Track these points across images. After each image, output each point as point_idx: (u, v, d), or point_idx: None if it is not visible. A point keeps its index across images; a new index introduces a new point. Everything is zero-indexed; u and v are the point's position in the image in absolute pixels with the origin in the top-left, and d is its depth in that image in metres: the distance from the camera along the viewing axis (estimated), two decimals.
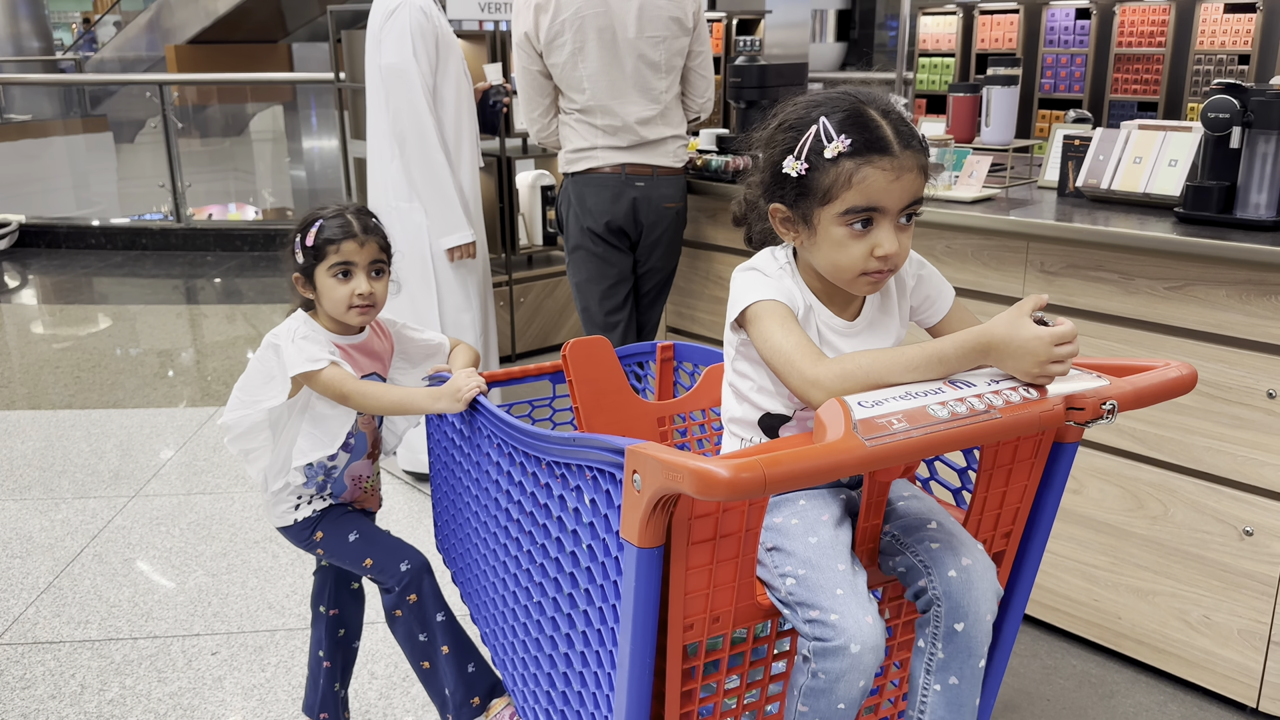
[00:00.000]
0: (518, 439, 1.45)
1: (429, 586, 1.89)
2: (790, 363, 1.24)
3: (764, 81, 3.02)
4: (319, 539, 1.89)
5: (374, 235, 1.80)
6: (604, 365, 1.85)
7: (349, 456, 1.89)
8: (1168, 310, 2.13)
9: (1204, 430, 2.12)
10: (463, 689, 1.90)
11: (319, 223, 1.78)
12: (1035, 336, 1.14)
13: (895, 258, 1.27)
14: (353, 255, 1.77)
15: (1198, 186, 2.13)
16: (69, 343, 5.19)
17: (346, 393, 1.74)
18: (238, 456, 1.86)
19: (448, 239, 3.10)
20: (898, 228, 1.27)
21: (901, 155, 1.25)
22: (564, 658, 1.40)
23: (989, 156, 2.54)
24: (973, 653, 1.28)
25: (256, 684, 2.35)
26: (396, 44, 2.94)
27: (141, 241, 7.35)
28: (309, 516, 1.88)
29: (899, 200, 1.26)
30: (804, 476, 1.00)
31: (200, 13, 12.21)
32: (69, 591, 2.75)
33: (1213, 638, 2.19)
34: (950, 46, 6.22)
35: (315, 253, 1.77)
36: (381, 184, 3.18)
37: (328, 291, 1.78)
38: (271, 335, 1.81)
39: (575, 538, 1.30)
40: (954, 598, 1.26)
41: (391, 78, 2.96)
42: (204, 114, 10.91)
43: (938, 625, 1.27)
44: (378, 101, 3.09)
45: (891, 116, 1.28)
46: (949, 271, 2.41)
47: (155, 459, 3.63)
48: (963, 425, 1.08)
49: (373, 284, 1.79)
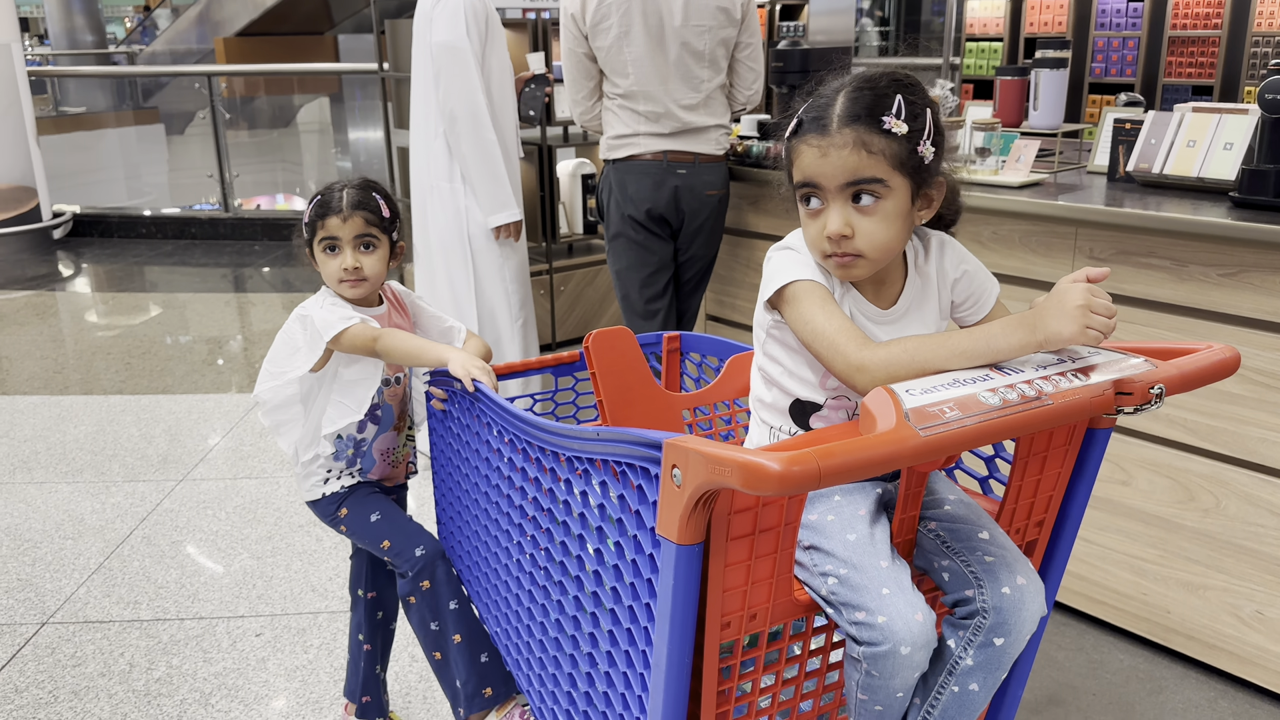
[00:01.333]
0: (532, 434, 1.39)
1: (443, 573, 1.88)
2: (834, 346, 1.21)
3: (806, 66, 2.98)
4: (343, 515, 1.91)
5: (361, 210, 1.81)
6: (627, 356, 1.81)
7: (376, 429, 1.92)
8: (1221, 298, 2.07)
9: (1258, 420, 2.07)
10: (475, 679, 1.87)
11: (317, 199, 1.84)
12: (1071, 283, 1.12)
13: (851, 240, 1.23)
14: (336, 230, 1.80)
15: (1254, 170, 2.07)
16: (120, 330, 5.29)
17: (374, 337, 1.77)
18: (270, 430, 1.90)
19: (497, 216, 3.12)
20: (853, 209, 1.23)
21: (836, 133, 1.22)
22: (587, 657, 1.35)
23: (1037, 141, 2.49)
24: (1002, 666, 1.25)
25: (299, 665, 2.38)
26: (450, 22, 2.98)
27: (191, 231, 7.47)
28: (336, 491, 1.90)
29: (833, 177, 1.23)
30: (860, 468, 0.95)
31: (249, 5, 12.35)
32: (118, 573, 2.81)
33: (1266, 633, 2.13)
34: (999, 30, 6.11)
35: (310, 228, 1.84)
36: (425, 164, 3.20)
37: (321, 265, 1.85)
38: (300, 308, 1.85)
39: (600, 534, 1.25)
40: (1004, 613, 1.23)
41: (444, 55, 2.99)
42: (251, 105, 11.04)
43: (976, 634, 1.24)
44: (425, 81, 3.12)
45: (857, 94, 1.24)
46: (995, 259, 2.37)
47: (203, 444, 3.69)
48: (1016, 412, 1.04)
49: (360, 257, 1.81)
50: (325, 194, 1.85)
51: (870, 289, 1.33)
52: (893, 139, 1.22)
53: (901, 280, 1.35)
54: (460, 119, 3.02)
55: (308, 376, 1.85)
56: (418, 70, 3.16)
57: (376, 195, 1.86)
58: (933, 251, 1.37)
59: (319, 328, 1.78)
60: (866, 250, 1.25)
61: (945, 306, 1.38)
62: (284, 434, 1.91)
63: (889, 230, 1.25)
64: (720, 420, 1.87)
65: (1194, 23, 5.33)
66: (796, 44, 3.05)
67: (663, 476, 1.04)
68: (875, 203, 1.24)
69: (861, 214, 1.24)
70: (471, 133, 3.03)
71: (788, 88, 3.05)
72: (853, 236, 1.24)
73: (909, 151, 1.23)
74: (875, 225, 1.24)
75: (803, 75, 2.97)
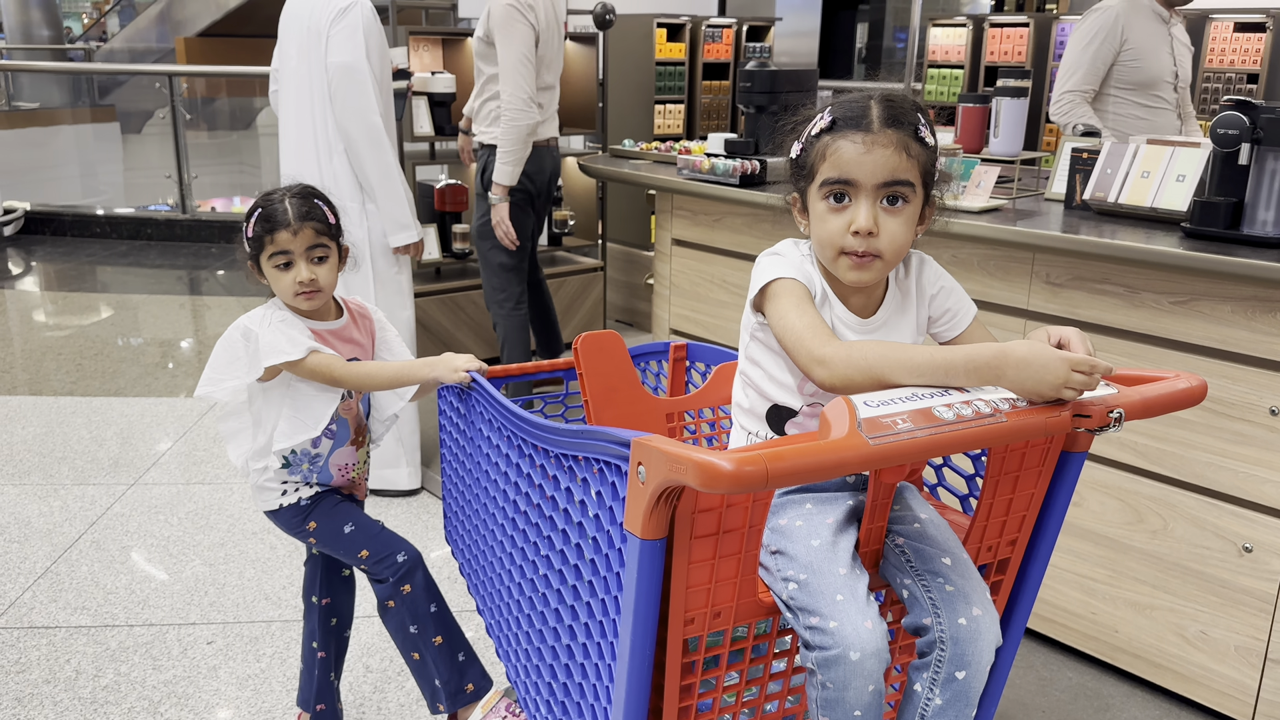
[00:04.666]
0: (526, 430, 1.46)
1: (422, 578, 1.89)
2: (800, 340, 1.26)
3: (773, 87, 3.02)
4: (312, 528, 1.89)
5: (310, 220, 1.77)
6: (615, 359, 1.86)
7: (332, 444, 1.89)
8: (1172, 325, 2.13)
9: (1205, 445, 2.12)
10: (456, 677, 1.90)
11: (258, 212, 1.78)
12: (1057, 357, 1.12)
13: (875, 239, 1.28)
14: (287, 244, 1.75)
15: (1205, 202, 2.14)
16: (71, 330, 5.19)
17: (337, 377, 1.75)
18: (221, 437, 1.86)
19: (398, 236, 3.08)
20: (881, 209, 1.29)
21: (879, 132, 1.27)
22: (566, 649, 1.41)
23: (996, 168, 2.54)
24: (970, 701, 1.28)
25: (251, 674, 2.35)
26: (350, 43, 2.88)
27: (146, 231, 7.35)
28: (297, 504, 1.88)
29: (872, 174, 1.27)
30: (807, 472, 1.00)
31: (211, 6, 12.22)
32: (66, 577, 2.75)
33: (1210, 653, 2.19)
34: (960, 58, 6.22)
35: (256, 243, 1.78)
36: (316, 182, 3.10)
37: (273, 280, 1.79)
38: (246, 319, 1.79)
39: (581, 530, 1.31)
40: (960, 644, 1.25)
41: (343, 76, 2.90)
42: (212, 107, 10.91)
43: (938, 671, 1.27)
44: (314, 97, 2.98)
45: (889, 103, 1.29)
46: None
47: (155, 448, 3.63)
48: (968, 428, 1.08)
49: (314, 269, 1.77)
50: (267, 206, 1.78)
51: (852, 298, 1.38)
52: (926, 149, 1.29)
53: (883, 292, 1.40)
54: (360, 140, 2.95)
55: (256, 386, 1.80)
56: (300, 84, 3.00)
57: (319, 203, 1.81)
58: (913, 267, 1.42)
59: (262, 349, 1.73)
60: (886, 250, 1.30)
61: (922, 321, 1.43)
62: (232, 444, 1.87)
63: (908, 234, 1.31)
64: (705, 425, 1.94)
65: None
66: (764, 65, 3.08)
67: (630, 473, 1.10)
68: (903, 206, 1.29)
69: (889, 214, 1.29)
70: (373, 154, 2.97)
71: (755, 108, 3.09)
72: (878, 235, 1.28)
73: (932, 164, 1.30)
74: (899, 227, 1.29)
75: (769, 96, 3.00)
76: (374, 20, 2.95)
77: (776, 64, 3.17)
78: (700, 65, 5.44)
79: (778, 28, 5.84)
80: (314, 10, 2.93)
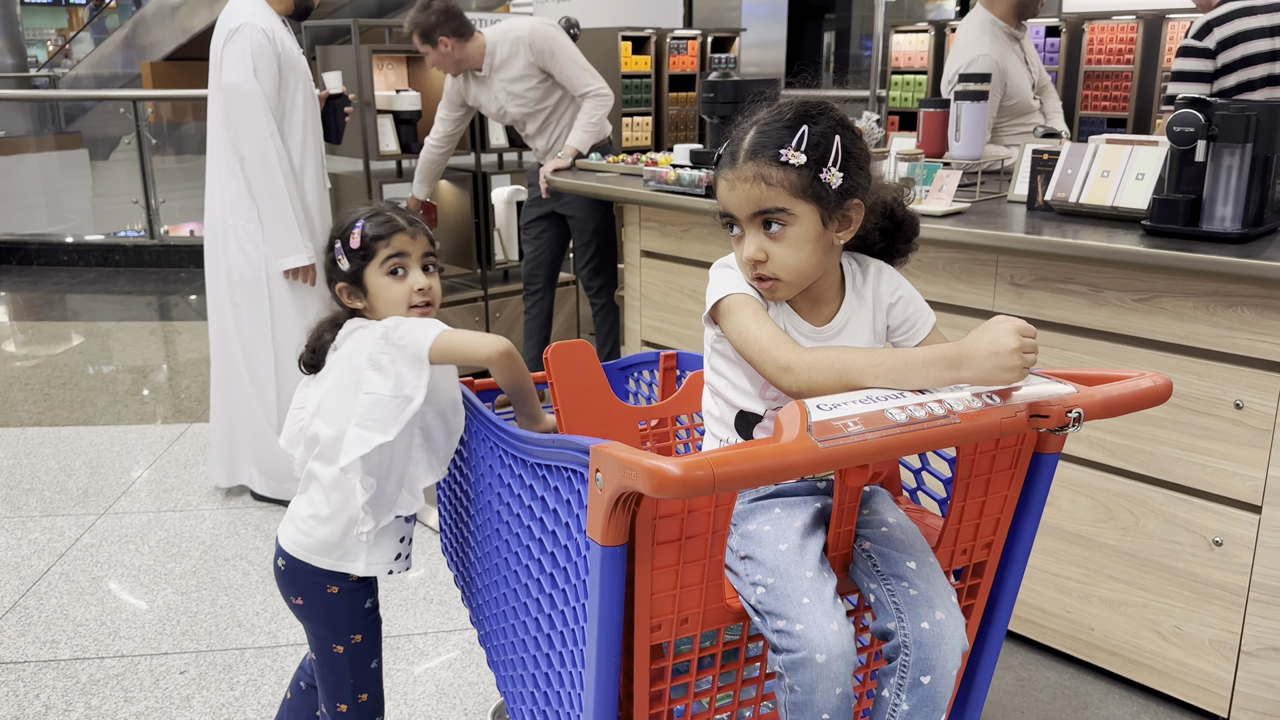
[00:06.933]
0: (506, 441, 1.47)
1: None
2: (764, 350, 1.27)
3: (737, 97, 3.03)
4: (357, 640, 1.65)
5: (421, 228, 1.65)
6: (585, 369, 1.87)
7: None
8: (1136, 322, 2.15)
9: (1173, 441, 2.14)
10: None
11: (360, 223, 1.62)
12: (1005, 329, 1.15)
13: (764, 264, 1.32)
14: (406, 247, 1.61)
15: (1164, 200, 2.15)
16: (39, 360, 5.13)
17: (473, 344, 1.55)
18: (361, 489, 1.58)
19: (285, 260, 3.08)
20: (767, 235, 1.31)
21: (741, 166, 1.31)
22: (545, 657, 1.43)
23: (958, 171, 2.56)
24: (937, 707, 1.27)
25: (225, 703, 2.32)
26: (238, 64, 2.95)
27: (115, 258, 7.29)
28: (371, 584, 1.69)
29: (740, 207, 1.32)
30: (754, 475, 1.01)
31: (176, 30, 12.18)
32: (35, 611, 2.71)
33: (1184, 648, 2.20)
34: (923, 64, 6.27)
35: (364, 253, 1.61)
36: (220, 202, 3.14)
37: (382, 292, 1.61)
38: (352, 350, 1.58)
39: (555, 538, 1.32)
40: (924, 649, 1.25)
41: (233, 97, 2.97)
42: (179, 131, 10.85)
43: (904, 676, 1.26)
44: (217, 119, 3.08)
45: (761, 130, 1.30)
46: (919, 285, 2.42)
47: (125, 476, 3.59)
48: (919, 429, 1.08)
49: (429, 279, 1.64)
50: (374, 216, 1.62)
51: (806, 307, 1.40)
52: (791, 170, 1.28)
53: (838, 300, 1.41)
54: (250, 161, 2.99)
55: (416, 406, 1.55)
56: (211, 107, 3.10)
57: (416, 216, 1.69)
58: (870, 276, 1.44)
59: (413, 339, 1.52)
60: (781, 273, 1.32)
61: (880, 329, 1.44)
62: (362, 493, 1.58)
63: (799, 254, 1.31)
64: (682, 432, 1.96)
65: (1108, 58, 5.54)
66: (727, 75, 3.09)
67: (590, 480, 1.10)
68: (782, 230, 1.31)
69: (772, 240, 1.31)
70: (262, 175, 3.00)
71: (719, 118, 3.10)
72: (766, 261, 1.31)
73: (810, 179, 1.29)
74: (785, 250, 1.31)
75: (733, 106, 3.01)
76: (265, 42, 2.98)
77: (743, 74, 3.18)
78: (666, 77, 5.46)
79: (745, 38, 5.87)
80: (215, 35, 3.06)
